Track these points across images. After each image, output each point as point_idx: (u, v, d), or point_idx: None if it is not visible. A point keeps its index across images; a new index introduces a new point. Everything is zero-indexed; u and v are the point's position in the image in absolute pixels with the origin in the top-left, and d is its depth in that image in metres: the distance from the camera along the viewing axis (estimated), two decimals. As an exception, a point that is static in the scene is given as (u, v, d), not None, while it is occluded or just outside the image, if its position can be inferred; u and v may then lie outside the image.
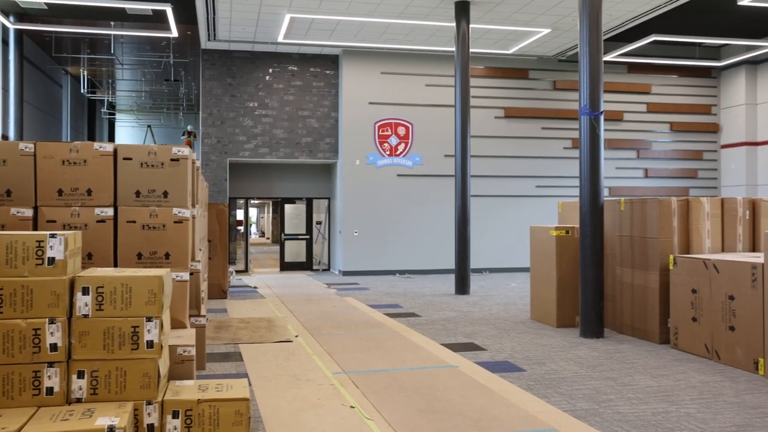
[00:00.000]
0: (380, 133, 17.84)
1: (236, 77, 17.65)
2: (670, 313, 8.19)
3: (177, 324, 5.70)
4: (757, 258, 7.27)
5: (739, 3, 13.82)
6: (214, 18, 14.90)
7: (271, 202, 39.16)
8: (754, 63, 19.09)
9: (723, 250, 8.73)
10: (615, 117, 19.08)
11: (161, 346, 4.25)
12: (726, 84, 19.83)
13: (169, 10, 13.80)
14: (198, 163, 7.63)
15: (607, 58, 17.90)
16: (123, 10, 14.56)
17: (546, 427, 5.15)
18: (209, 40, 16.61)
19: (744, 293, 7.02)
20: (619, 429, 5.11)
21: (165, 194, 5.56)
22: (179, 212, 5.58)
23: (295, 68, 17.99)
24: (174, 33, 15.33)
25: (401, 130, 17.94)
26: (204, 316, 7.04)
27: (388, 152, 17.88)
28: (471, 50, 16.59)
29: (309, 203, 19.71)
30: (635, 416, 5.42)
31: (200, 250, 8.22)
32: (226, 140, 17.60)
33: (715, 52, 19.52)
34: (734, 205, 8.78)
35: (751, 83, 19.15)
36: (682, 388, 6.26)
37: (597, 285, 8.92)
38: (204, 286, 9.03)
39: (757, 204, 8.89)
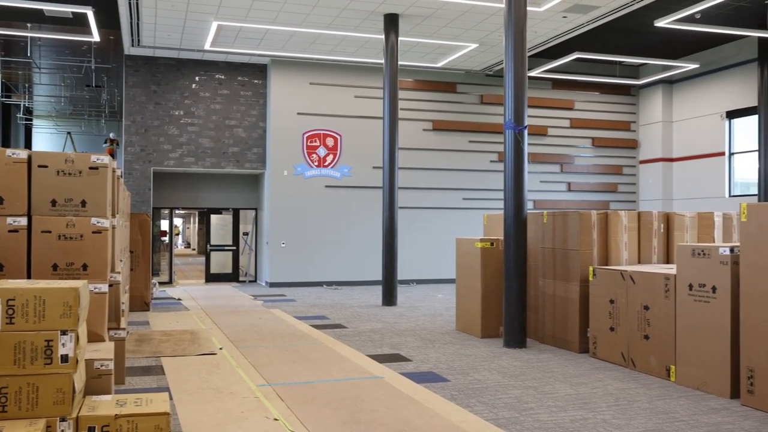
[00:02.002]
0: (308, 143, 17.79)
1: (161, 84, 17.31)
2: (589, 323, 8.43)
3: (95, 337, 5.53)
4: (670, 270, 7.56)
5: (656, 24, 14.41)
6: (138, 23, 14.59)
7: (197, 213, 38.48)
8: (670, 82, 19.93)
9: (639, 262, 9.05)
10: (540, 132, 19.57)
11: (77, 361, 4.10)
12: (644, 102, 20.63)
13: (90, 13, 13.44)
14: (119, 172, 7.44)
15: (532, 74, 18.36)
16: (41, 11, 14.09)
17: (469, 437, 5.22)
18: (133, 45, 16.25)
19: (658, 303, 7.29)
20: (540, 437, 5.22)
21: (83, 203, 5.39)
22: (98, 222, 5.42)
23: (223, 77, 17.77)
24: (95, 37, 14.93)
25: (330, 141, 17.94)
26: (124, 329, 6.84)
27: (316, 163, 17.84)
28: (400, 63, 16.75)
29: (236, 214, 19.45)
30: (554, 423, 5.54)
31: (121, 261, 8.01)
32: (150, 149, 17.21)
33: (634, 71, 20.29)
34: (650, 218, 9.12)
35: (667, 101, 19.97)
36: (600, 396, 6.45)
37: (520, 296, 9.10)
38: (125, 298, 8.78)
39: (671, 218, 9.27)
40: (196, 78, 17.59)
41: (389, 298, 13.75)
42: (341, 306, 13.58)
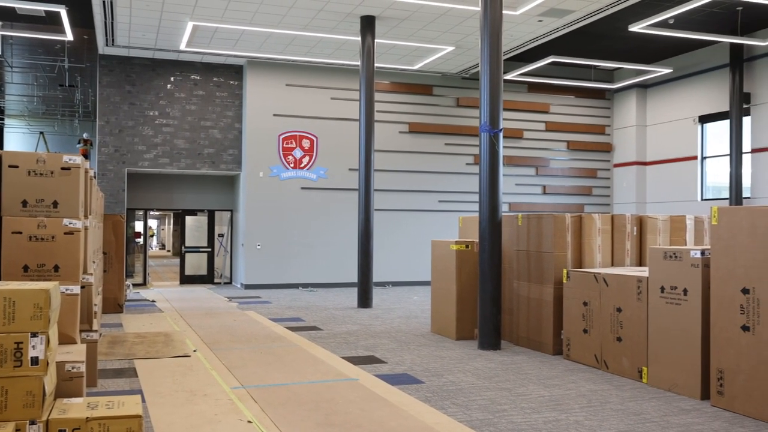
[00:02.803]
0: (284, 145, 17.74)
1: (136, 85, 17.16)
2: (563, 325, 8.50)
3: (66, 339, 5.47)
4: (643, 272, 7.65)
5: (630, 29, 14.57)
6: (112, 23, 14.45)
7: (172, 214, 38.18)
8: (644, 86, 20.16)
9: (612, 264, 9.14)
10: (515, 135, 19.69)
11: (47, 363, 4.06)
12: (618, 106, 20.85)
13: (63, 12, 13.29)
14: (92, 172, 7.37)
15: (508, 77, 18.48)
16: (13, 9, 13.91)
17: (443, 438, 5.24)
18: (107, 45, 16.08)
19: (630, 305, 7.37)
20: (513, 438, 5.26)
21: (55, 204, 5.33)
22: (70, 223, 5.37)
23: (198, 77, 17.66)
24: (69, 36, 14.76)
25: (306, 143, 17.90)
26: (96, 330, 6.78)
27: (292, 165, 17.79)
28: (376, 65, 16.76)
29: (211, 215, 19.33)
30: (528, 425, 5.58)
31: (94, 262, 7.93)
32: (125, 149, 17.05)
33: (609, 75, 20.50)
34: (623, 221, 9.21)
35: (641, 106, 20.20)
36: (573, 397, 6.50)
37: (495, 298, 9.14)
38: (98, 300, 8.70)
39: (644, 221, 9.37)
40: (172, 78, 17.46)
41: (365, 300, 13.75)
42: (316, 308, 13.56)
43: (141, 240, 19.52)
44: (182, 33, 15.14)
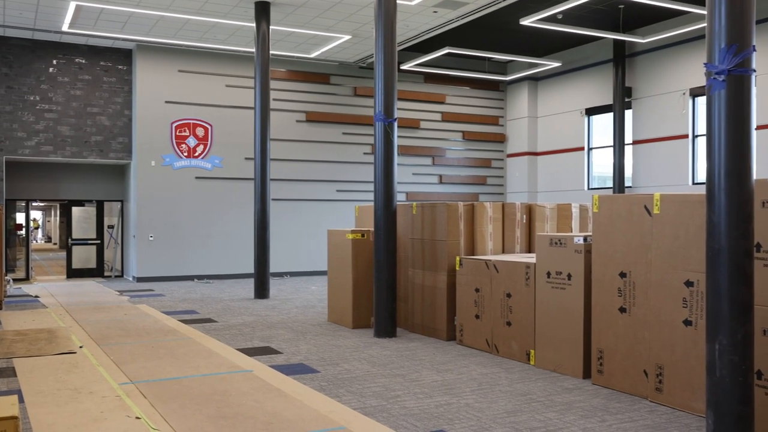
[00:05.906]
0: (177, 133, 17.23)
1: (13, 67, 16.20)
2: (456, 311, 8.68)
3: (-67, 338, 5.12)
4: (531, 258, 7.91)
5: (521, 22, 14.98)
6: (-13, 1, 13.57)
7: (58, 205, 36.48)
8: (535, 79, 20.81)
9: (503, 251, 9.40)
10: (412, 125, 19.90)
11: None
12: (511, 97, 21.44)
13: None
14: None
15: (405, 67, 18.64)
16: None
17: (335, 426, 5.25)
18: (-19, 24, 15.11)
19: (519, 291, 7.61)
20: (405, 423, 5.33)
21: None
22: (-65, 214, 5.01)
23: (83, 61, 16.87)
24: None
25: (200, 131, 17.45)
26: (-31, 328, 6.38)
27: (185, 154, 17.31)
28: (272, 52, 16.55)
29: (100, 206, 18.57)
30: (420, 410, 5.67)
31: (-34, 256, 7.46)
32: (2, 136, 16.09)
33: (503, 67, 21.02)
34: (513, 209, 9.49)
35: (532, 98, 20.85)
36: (464, 381, 6.66)
37: (390, 286, 9.23)
38: (-28, 296, 8.20)
39: (533, 209, 9.68)
40: (54, 61, 16.59)
41: (261, 291, 13.59)
42: (212, 300, 13.29)
43: (23, 232, 18.53)
44: (64, 13, 14.38)
